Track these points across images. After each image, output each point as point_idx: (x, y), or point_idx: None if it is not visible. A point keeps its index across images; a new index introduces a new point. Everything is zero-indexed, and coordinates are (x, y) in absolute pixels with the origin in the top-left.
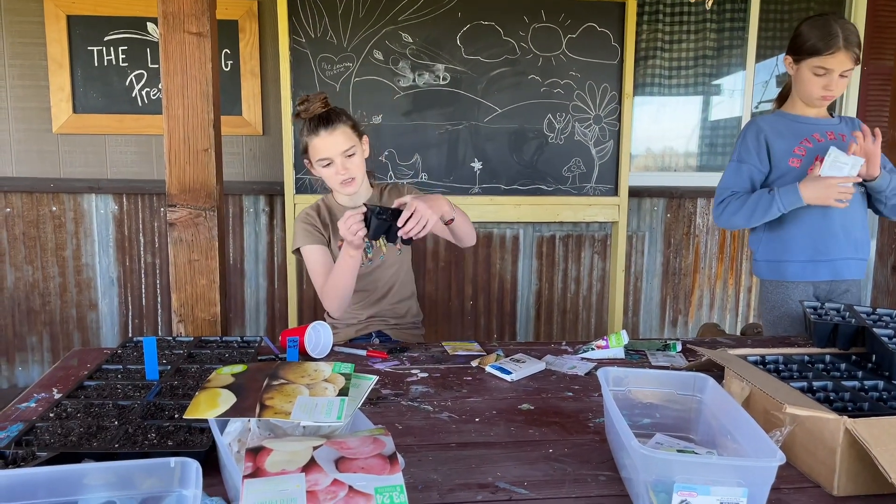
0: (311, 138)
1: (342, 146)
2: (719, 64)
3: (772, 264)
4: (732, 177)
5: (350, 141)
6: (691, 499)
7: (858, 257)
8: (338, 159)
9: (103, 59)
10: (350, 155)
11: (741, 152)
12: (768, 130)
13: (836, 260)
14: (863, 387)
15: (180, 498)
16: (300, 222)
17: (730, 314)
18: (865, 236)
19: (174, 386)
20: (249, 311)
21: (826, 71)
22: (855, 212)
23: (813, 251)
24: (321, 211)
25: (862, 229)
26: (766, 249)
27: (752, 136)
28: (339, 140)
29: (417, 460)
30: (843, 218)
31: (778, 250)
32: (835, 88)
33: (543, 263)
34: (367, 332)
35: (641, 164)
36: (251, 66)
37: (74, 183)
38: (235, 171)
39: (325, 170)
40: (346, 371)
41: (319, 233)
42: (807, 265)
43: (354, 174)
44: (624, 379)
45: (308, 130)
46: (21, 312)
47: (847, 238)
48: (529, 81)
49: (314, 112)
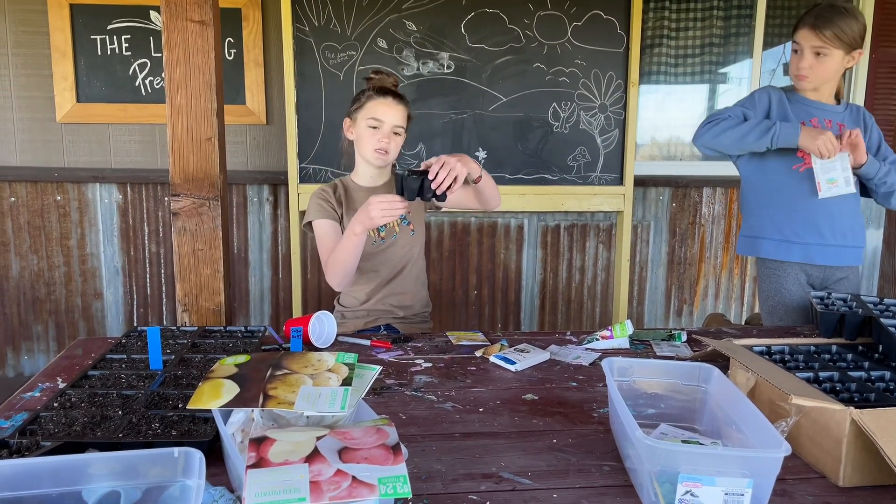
0: (374, 99)
1: (398, 120)
2: (726, 52)
3: (749, 240)
4: (732, 109)
5: (404, 122)
6: (696, 489)
7: (845, 245)
8: (387, 128)
9: (106, 48)
10: (397, 133)
11: (745, 103)
12: (775, 101)
13: (811, 245)
14: (869, 377)
15: (184, 488)
16: (315, 197)
17: (735, 304)
18: (858, 223)
19: (178, 376)
20: (253, 300)
21: (798, 47)
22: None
23: (790, 232)
24: (337, 189)
25: (851, 216)
26: (746, 224)
27: (759, 97)
28: (399, 114)
29: (421, 450)
30: (831, 204)
31: (756, 226)
32: (807, 67)
33: (548, 253)
34: (376, 325)
35: (647, 154)
36: (254, 55)
37: (78, 172)
38: (239, 160)
39: (369, 130)
40: (350, 361)
41: (332, 209)
42: (780, 244)
43: (391, 149)
44: (628, 369)
45: (374, 93)
46: (26, 301)
47: (831, 225)
48: (534, 70)
49: (385, 84)
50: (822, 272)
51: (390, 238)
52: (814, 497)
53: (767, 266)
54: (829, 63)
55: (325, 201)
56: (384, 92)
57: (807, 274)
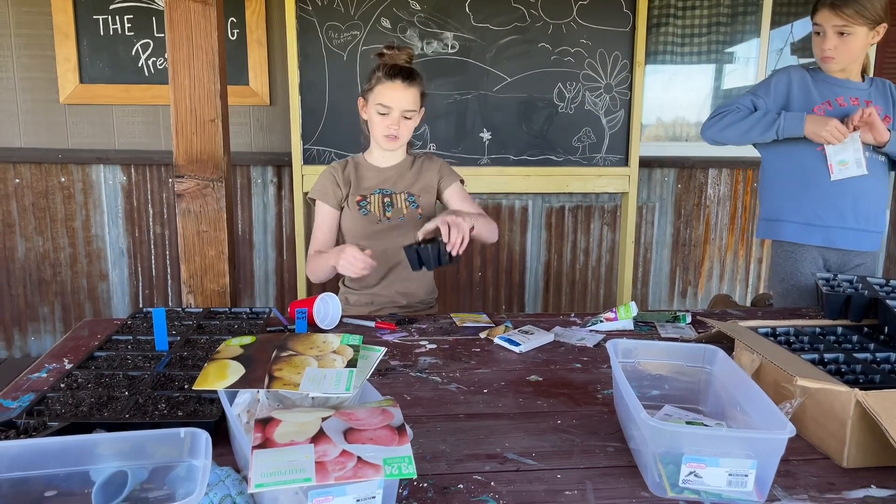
0: (383, 82)
1: (407, 105)
2: (733, 31)
3: (769, 223)
4: (739, 100)
5: (415, 104)
6: (700, 470)
7: (867, 229)
8: (396, 114)
9: (109, 29)
10: (408, 117)
11: (759, 89)
12: (797, 82)
13: (832, 228)
14: (875, 359)
15: (190, 468)
16: (323, 174)
17: (740, 285)
18: (881, 208)
19: (183, 357)
20: (258, 282)
21: (819, 28)
22: (871, 181)
23: (812, 215)
24: (347, 167)
25: (877, 201)
26: (766, 208)
27: (777, 81)
28: (409, 98)
29: (426, 431)
30: (855, 187)
31: (777, 209)
32: (832, 48)
33: (552, 235)
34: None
35: (652, 134)
36: (258, 35)
37: (82, 154)
38: (243, 141)
39: (378, 116)
40: (355, 342)
41: (335, 190)
42: (802, 228)
43: (401, 135)
44: (633, 350)
45: (384, 74)
46: (32, 283)
47: (854, 209)
48: (539, 49)
49: (397, 62)
50: (840, 257)
51: (396, 219)
52: (818, 478)
53: (785, 249)
54: (854, 41)
55: (331, 182)
56: (393, 74)
57: (824, 259)
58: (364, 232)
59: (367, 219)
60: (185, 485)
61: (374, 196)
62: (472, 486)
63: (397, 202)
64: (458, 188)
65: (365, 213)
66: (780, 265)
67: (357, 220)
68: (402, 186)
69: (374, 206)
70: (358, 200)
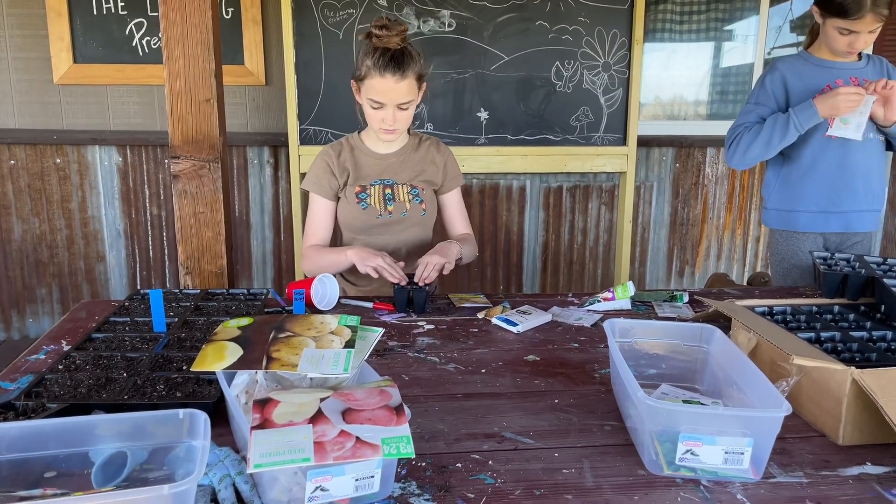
0: (373, 74)
1: (402, 97)
2: (732, 8)
3: (783, 213)
4: (745, 116)
5: (411, 94)
6: (696, 448)
7: (873, 209)
8: (391, 107)
9: (102, 7)
10: (404, 108)
11: (759, 96)
12: (789, 75)
13: (848, 212)
14: (871, 337)
15: (189, 448)
16: (317, 161)
17: (737, 264)
18: (882, 186)
19: (181, 338)
20: (256, 263)
21: (850, 31)
22: (874, 161)
23: (826, 202)
24: (343, 152)
25: (879, 180)
26: (778, 198)
27: (770, 81)
28: (403, 90)
29: (424, 411)
30: (864, 167)
31: (790, 199)
32: (861, 46)
33: (550, 214)
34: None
35: (650, 113)
36: (252, 14)
37: (77, 134)
38: (239, 121)
39: (372, 110)
40: (353, 323)
41: (331, 179)
42: (818, 216)
43: (400, 127)
44: (630, 330)
45: (374, 64)
46: (30, 264)
47: (865, 189)
48: (537, 28)
49: (389, 45)
50: (840, 237)
51: (398, 214)
52: (813, 455)
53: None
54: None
55: (326, 171)
56: (386, 64)
57: (825, 238)
58: (362, 226)
59: (366, 212)
60: (185, 465)
61: (375, 187)
62: (470, 465)
63: (399, 194)
64: (457, 195)
65: (364, 206)
66: (781, 245)
67: (356, 213)
68: (405, 177)
69: (375, 199)
70: (357, 192)
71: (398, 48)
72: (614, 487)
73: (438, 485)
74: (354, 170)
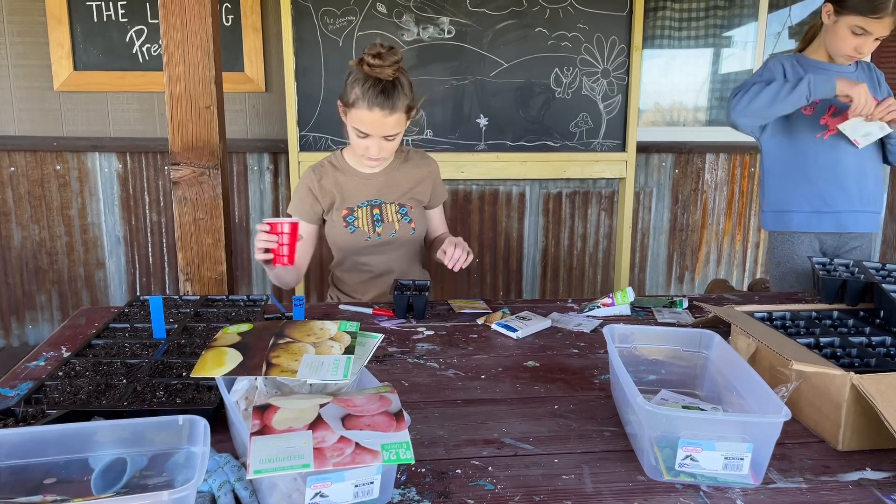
0: (361, 105)
1: (389, 131)
2: (731, 15)
3: (777, 215)
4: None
5: (398, 126)
6: (696, 454)
7: (869, 210)
8: (376, 138)
9: (102, 15)
10: (390, 139)
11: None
12: (789, 68)
13: (842, 212)
14: (870, 343)
15: (189, 454)
16: (300, 185)
17: (737, 270)
18: (879, 189)
19: (181, 344)
20: (256, 269)
21: (864, 32)
22: (868, 163)
23: (819, 202)
24: (326, 175)
25: (875, 181)
26: (772, 200)
27: (773, 66)
28: (390, 125)
29: (424, 417)
30: (856, 169)
31: (783, 201)
32: (867, 51)
33: (550, 220)
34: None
35: (649, 119)
36: (252, 21)
37: (77, 141)
38: (238, 128)
39: (357, 138)
40: (352, 329)
41: (315, 203)
42: (811, 216)
43: (385, 156)
44: (630, 336)
45: (363, 94)
46: (29, 271)
47: (859, 190)
48: (536, 34)
49: (381, 76)
50: (836, 240)
51: (388, 234)
52: (813, 461)
53: (781, 233)
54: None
55: (308, 196)
56: (375, 96)
57: (820, 241)
58: (352, 248)
59: (354, 236)
60: (184, 471)
61: (362, 209)
62: (469, 471)
63: (387, 214)
64: (441, 210)
65: (353, 230)
66: (777, 250)
67: (344, 236)
68: (393, 196)
69: (362, 222)
70: (344, 215)
71: (390, 79)
72: (614, 493)
73: (438, 491)
74: (340, 192)
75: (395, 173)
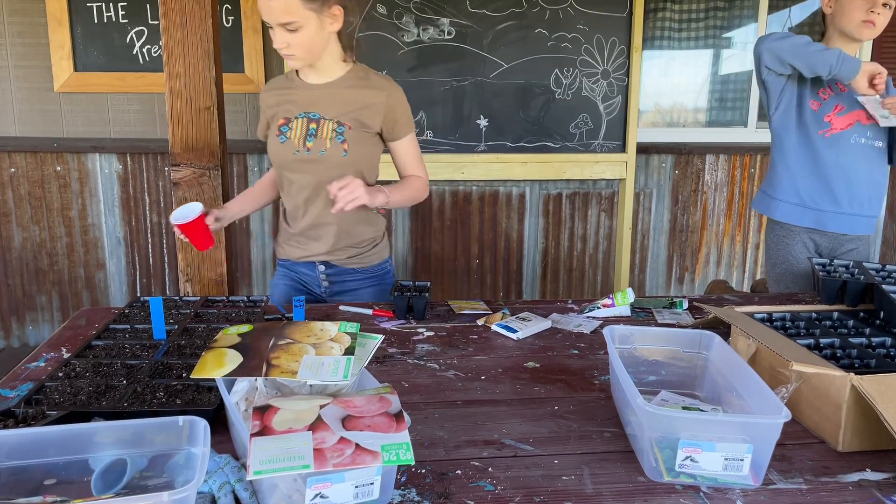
0: None
1: (280, 17)
2: (730, 16)
3: (765, 197)
4: None
5: (291, 14)
6: (696, 455)
7: (862, 214)
8: (277, 29)
9: (103, 16)
10: (292, 29)
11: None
12: None
13: (825, 212)
14: (870, 343)
15: (189, 455)
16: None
17: (737, 271)
18: (875, 193)
19: (181, 345)
20: (256, 270)
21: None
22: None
23: (806, 196)
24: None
25: (870, 186)
26: (768, 182)
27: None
28: (277, 9)
29: (424, 418)
30: (850, 172)
31: (774, 186)
32: (879, 13)
33: (550, 221)
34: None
35: (649, 120)
36: (253, 22)
37: (78, 142)
38: (239, 129)
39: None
40: (352, 330)
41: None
42: (794, 208)
43: (294, 52)
44: (630, 337)
45: None
46: (30, 272)
47: (850, 194)
48: (536, 35)
49: None
50: (832, 241)
51: (317, 152)
52: (813, 462)
53: (776, 233)
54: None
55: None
56: None
57: (815, 242)
58: (282, 161)
59: (283, 147)
60: (184, 472)
61: (299, 120)
62: (469, 472)
63: (323, 131)
64: (409, 142)
65: (283, 140)
66: (773, 249)
67: (275, 146)
68: (334, 112)
69: (295, 133)
70: (280, 125)
71: None
72: (614, 494)
73: (438, 492)
74: (283, 102)
75: (340, 89)
